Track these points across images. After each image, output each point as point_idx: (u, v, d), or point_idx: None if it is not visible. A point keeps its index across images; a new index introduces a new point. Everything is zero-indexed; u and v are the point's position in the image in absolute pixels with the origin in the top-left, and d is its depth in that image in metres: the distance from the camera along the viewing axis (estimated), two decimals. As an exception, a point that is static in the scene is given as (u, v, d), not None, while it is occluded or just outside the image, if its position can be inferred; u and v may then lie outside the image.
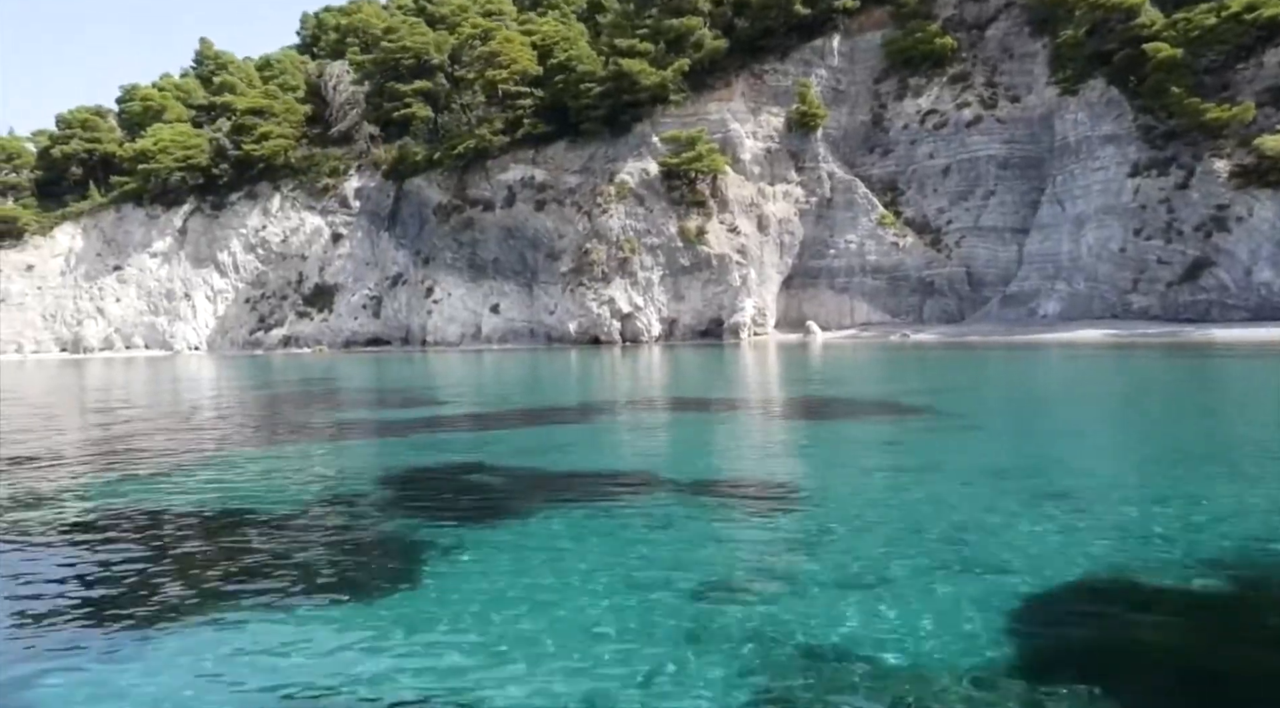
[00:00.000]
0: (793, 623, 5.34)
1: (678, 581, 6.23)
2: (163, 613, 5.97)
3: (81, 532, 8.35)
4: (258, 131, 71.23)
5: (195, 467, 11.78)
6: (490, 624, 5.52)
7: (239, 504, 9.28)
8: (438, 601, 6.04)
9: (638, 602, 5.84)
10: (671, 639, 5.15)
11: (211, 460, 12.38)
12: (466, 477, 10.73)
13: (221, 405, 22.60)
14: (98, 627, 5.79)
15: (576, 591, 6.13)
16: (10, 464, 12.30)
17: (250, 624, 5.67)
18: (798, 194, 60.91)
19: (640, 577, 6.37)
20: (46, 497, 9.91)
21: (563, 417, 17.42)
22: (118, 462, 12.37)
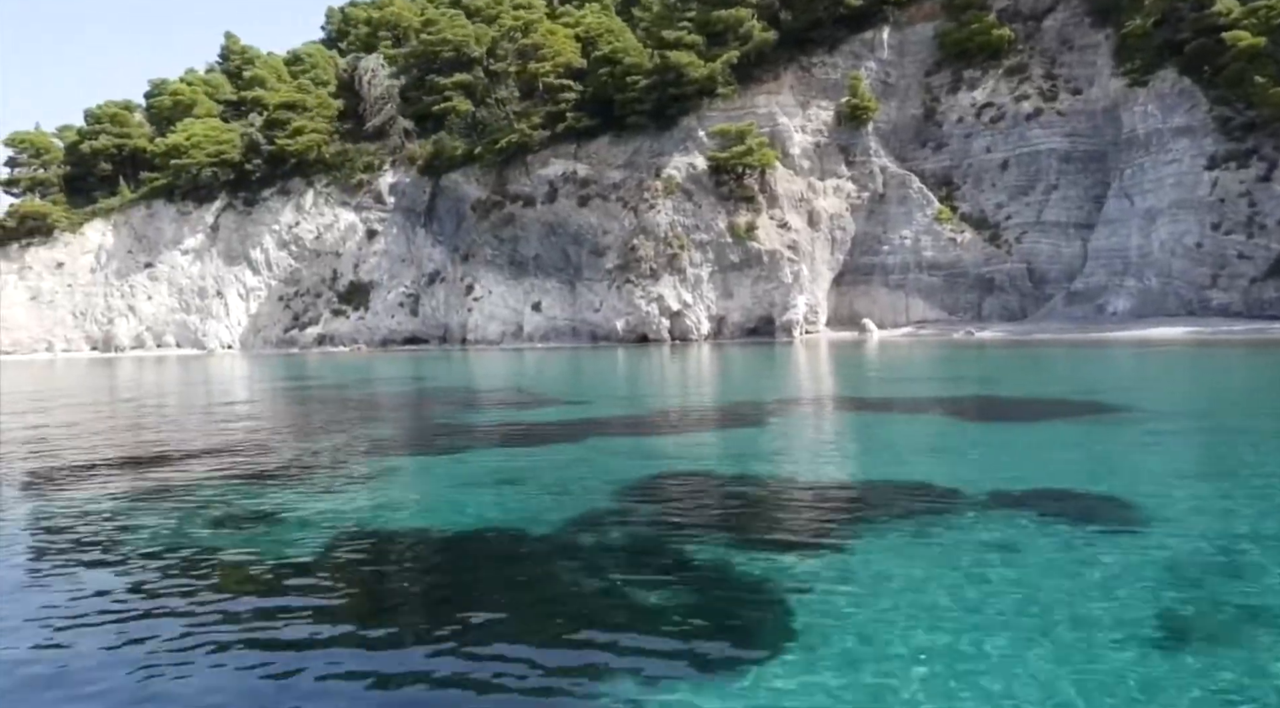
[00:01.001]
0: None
1: (1095, 617, 5.07)
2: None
3: (361, 559, 7.11)
4: (291, 126, 69.99)
5: (397, 476, 10.53)
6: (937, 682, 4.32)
7: (505, 522, 8.02)
8: (846, 650, 4.81)
9: (1082, 644, 4.69)
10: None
11: (400, 469, 11.12)
12: (725, 488, 9.47)
13: (349, 409, 21.32)
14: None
15: (995, 627, 4.96)
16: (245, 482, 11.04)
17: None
18: (849, 189, 59.59)
19: (1060, 613, 5.21)
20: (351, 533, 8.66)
21: (736, 417, 16.14)
22: (303, 473, 11.11)
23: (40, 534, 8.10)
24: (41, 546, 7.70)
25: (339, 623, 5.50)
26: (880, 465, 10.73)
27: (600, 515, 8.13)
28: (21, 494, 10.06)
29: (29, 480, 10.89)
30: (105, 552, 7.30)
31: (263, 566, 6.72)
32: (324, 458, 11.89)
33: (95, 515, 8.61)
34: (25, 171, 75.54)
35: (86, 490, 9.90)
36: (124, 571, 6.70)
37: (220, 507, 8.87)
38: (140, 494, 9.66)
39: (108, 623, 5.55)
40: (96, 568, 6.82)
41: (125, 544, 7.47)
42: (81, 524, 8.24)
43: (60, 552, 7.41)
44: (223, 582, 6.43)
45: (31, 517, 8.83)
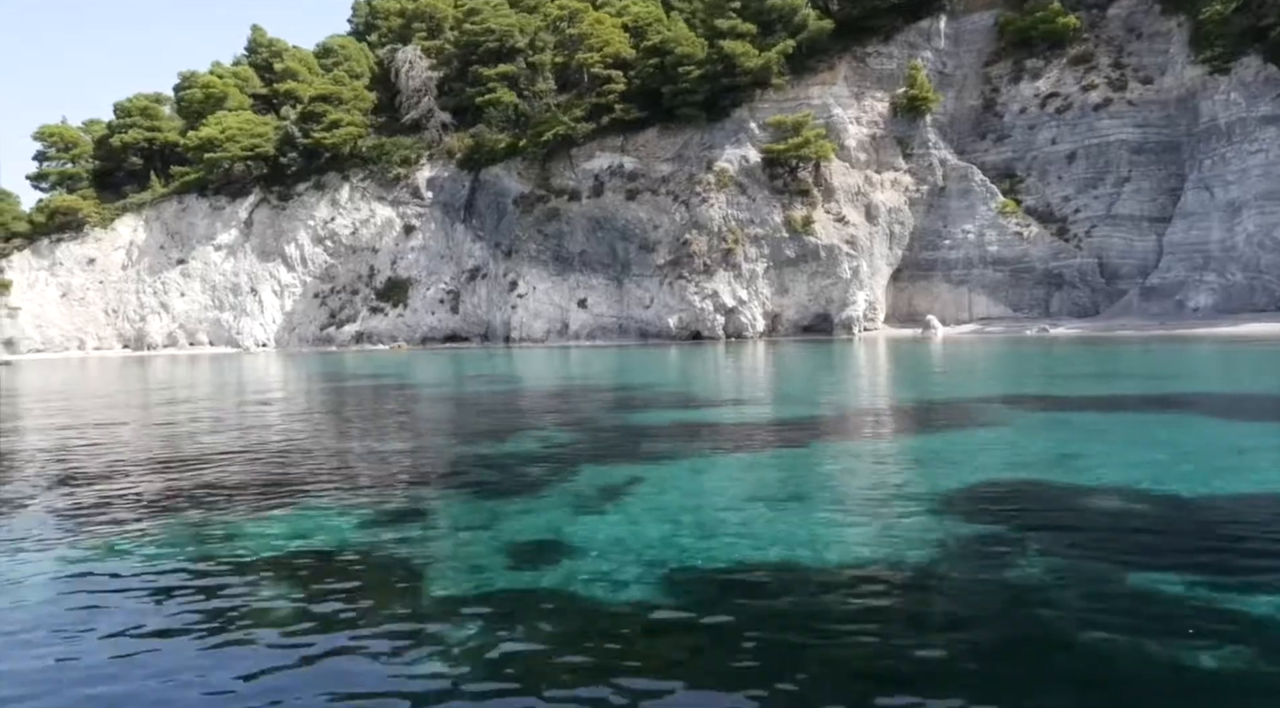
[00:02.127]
0: None
1: None
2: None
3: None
4: (327, 119, 68.44)
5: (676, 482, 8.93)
6: None
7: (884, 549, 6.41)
8: None
9: None
10: None
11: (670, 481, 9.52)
12: (1092, 501, 7.84)
13: (495, 414, 19.66)
14: None
15: None
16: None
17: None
18: (906, 182, 58.01)
19: None
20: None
21: (961, 417, 14.54)
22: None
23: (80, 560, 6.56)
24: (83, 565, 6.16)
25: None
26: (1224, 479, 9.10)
27: (994, 540, 6.51)
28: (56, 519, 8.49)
29: (58, 498, 9.41)
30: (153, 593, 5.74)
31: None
32: (583, 477, 10.30)
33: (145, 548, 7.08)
34: (54, 166, 74.04)
35: (128, 530, 8.34)
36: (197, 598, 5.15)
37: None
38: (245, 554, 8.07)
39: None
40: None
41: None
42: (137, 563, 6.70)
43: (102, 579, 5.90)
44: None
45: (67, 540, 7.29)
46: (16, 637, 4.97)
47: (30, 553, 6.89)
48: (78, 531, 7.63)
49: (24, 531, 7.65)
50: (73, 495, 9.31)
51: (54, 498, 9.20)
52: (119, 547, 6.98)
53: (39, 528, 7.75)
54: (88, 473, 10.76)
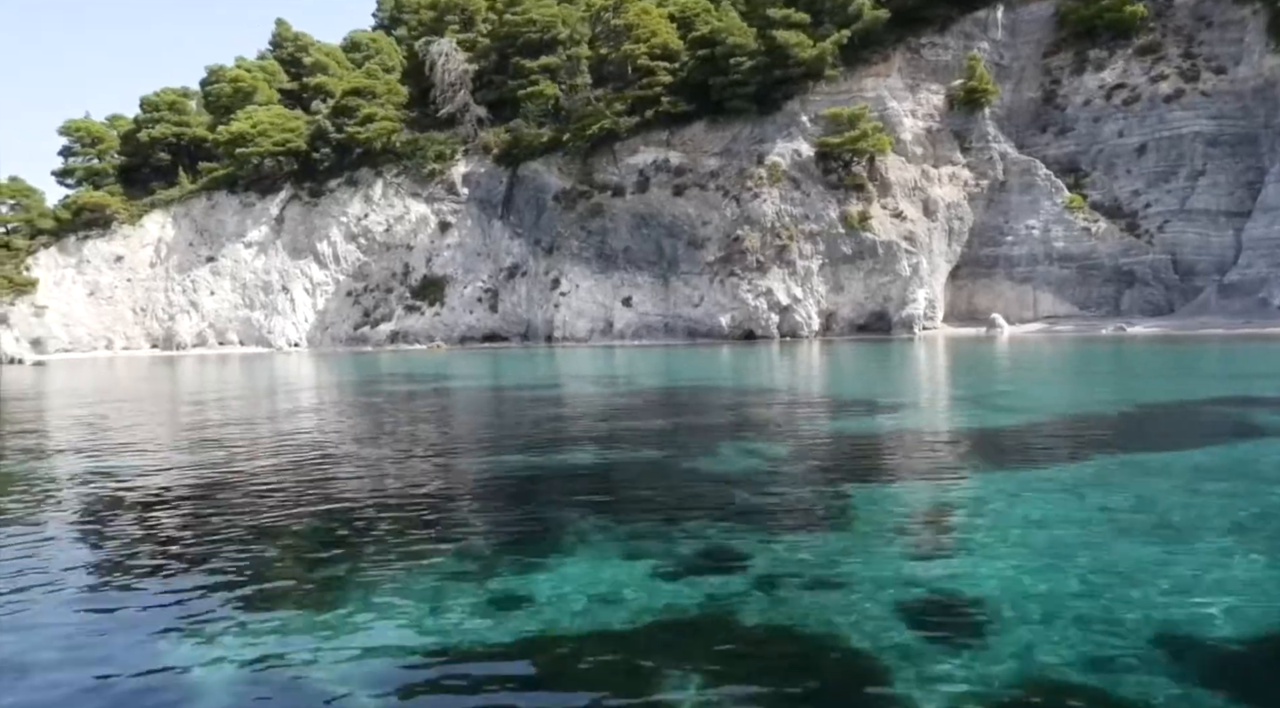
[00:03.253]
0: None
1: None
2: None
3: None
4: (361, 113, 66.64)
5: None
6: None
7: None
8: None
9: None
10: None
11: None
12: None
13: (647, 415, 17.91)
14: None
15: None
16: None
17: None
18: (965, 177, 56.25)
19: None
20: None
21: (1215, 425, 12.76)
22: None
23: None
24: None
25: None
26: None
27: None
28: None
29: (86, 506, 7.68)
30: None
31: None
32: (815, 503, 8.51)
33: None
34: (80, 161, 72.28)
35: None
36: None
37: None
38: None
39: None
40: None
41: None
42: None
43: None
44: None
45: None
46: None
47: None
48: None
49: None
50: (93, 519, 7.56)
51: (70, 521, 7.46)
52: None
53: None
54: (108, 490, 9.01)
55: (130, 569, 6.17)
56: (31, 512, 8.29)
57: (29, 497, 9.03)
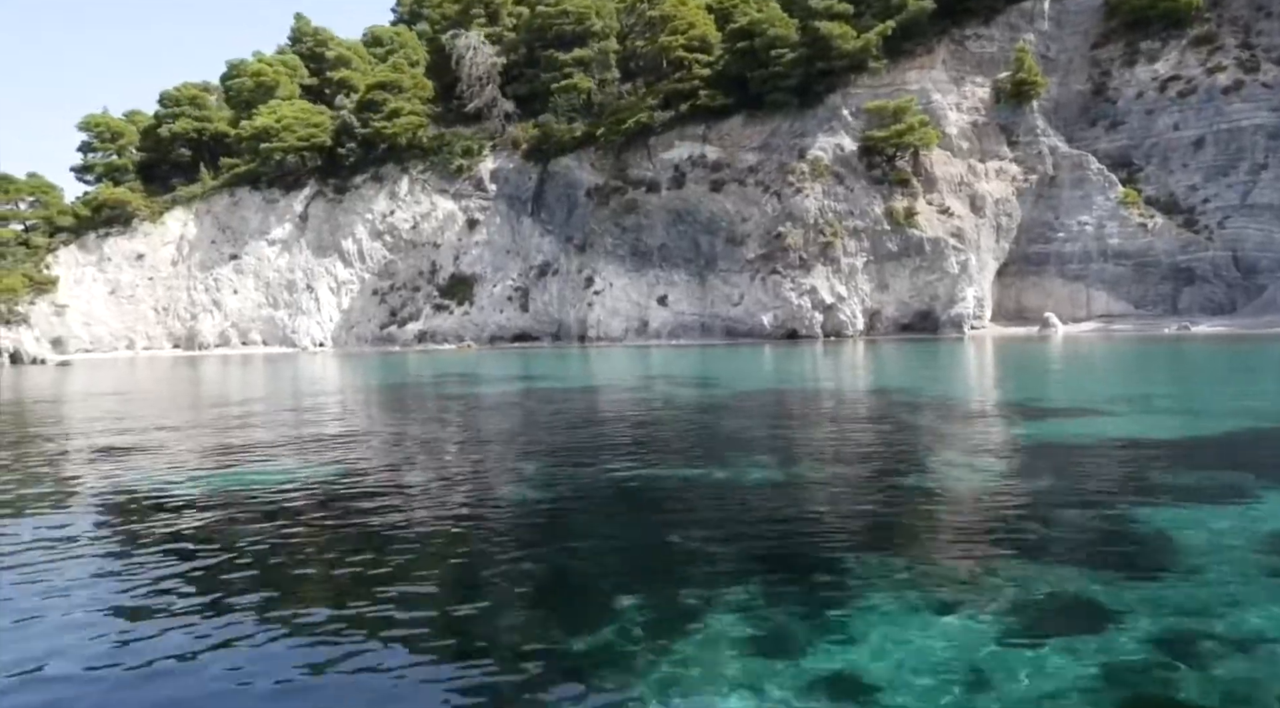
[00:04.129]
0: None
1: None
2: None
3: None
4: (387, 108, 65.21)
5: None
6: None
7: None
8: None
9: None
10: None
11: None
12: None
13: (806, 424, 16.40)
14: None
15: None
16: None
17: None
18: (1013, 171, 54.67)
19: None
20: None
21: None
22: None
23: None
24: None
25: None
26: None
27: None
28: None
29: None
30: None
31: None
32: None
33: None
34: (99, 157, 70.86)
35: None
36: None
37: None
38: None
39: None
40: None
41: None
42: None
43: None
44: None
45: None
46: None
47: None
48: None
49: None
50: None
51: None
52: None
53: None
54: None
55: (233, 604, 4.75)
56: (103, 538, 6.83)
57: (89, 518, 7.56)
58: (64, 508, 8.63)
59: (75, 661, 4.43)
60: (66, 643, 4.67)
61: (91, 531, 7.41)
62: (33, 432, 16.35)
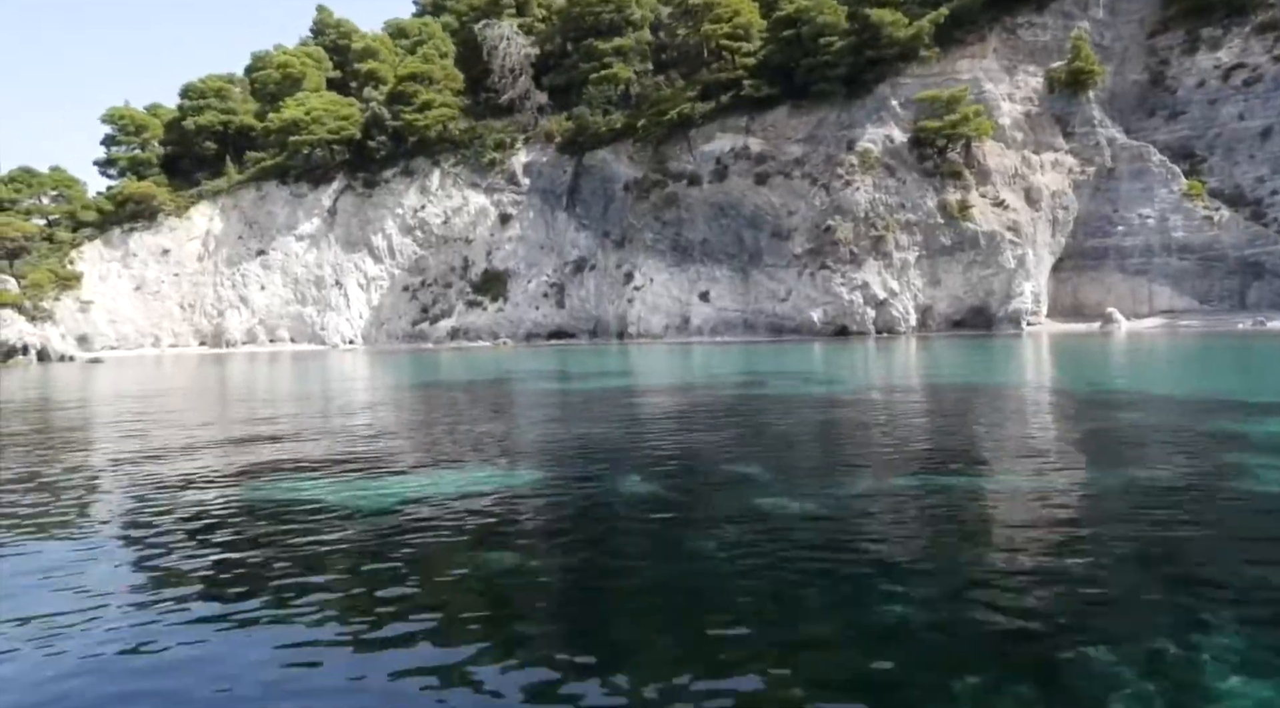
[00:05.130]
0: None
1: None
2: None
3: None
4: (418, 100, 63.68)
5: None
6: None
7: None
8: None
9: None
10: None
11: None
12: None
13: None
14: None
15: None
16: None
17: None
18: (1069, 163, 53.09)
19: None
20: None
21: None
22: None
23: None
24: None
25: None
26: None
27: None
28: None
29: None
30: None
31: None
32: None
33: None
34: (123, 151, 69.38)
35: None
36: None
37: None
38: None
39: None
40: None
41: None
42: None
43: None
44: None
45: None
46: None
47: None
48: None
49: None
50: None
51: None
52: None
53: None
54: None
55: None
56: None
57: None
58: (129, 520, 7.15)
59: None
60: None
61: (163, 543, 6.07)
62: (93, 436, 14.83)
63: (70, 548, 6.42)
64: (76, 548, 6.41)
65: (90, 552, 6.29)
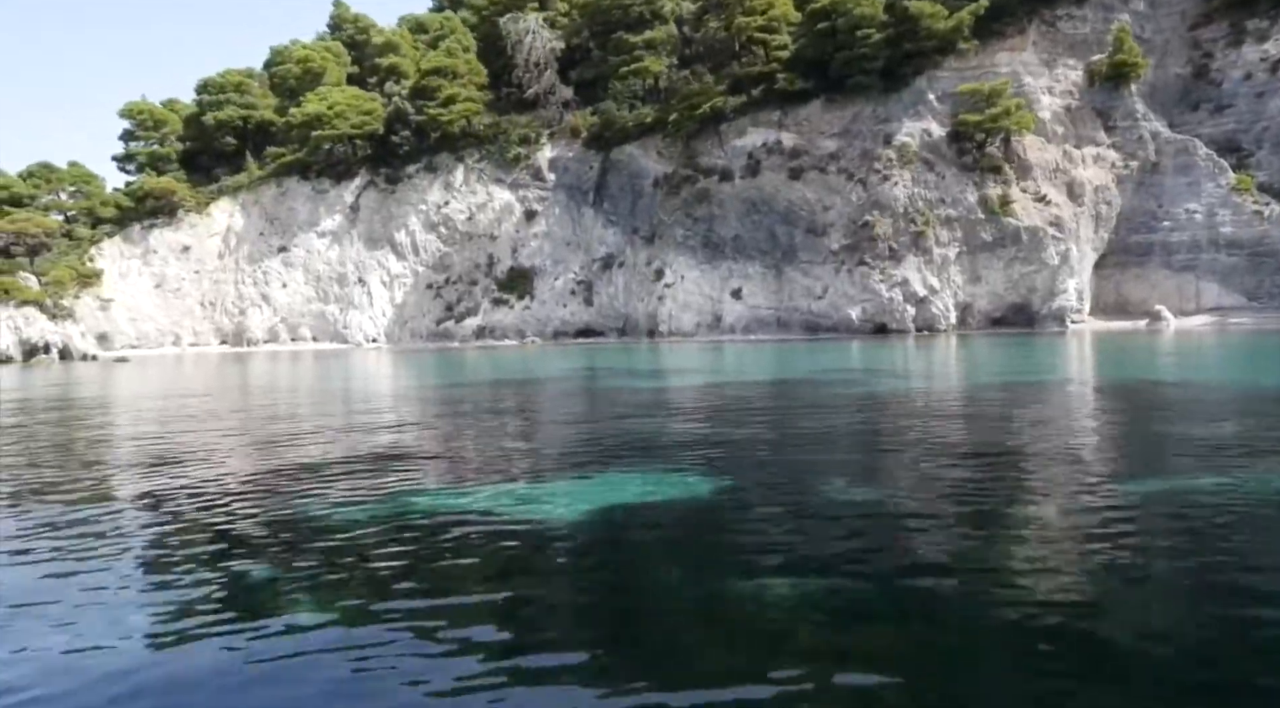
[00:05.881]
0: None
1: None
2: None
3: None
4: (442, 94, 62.63)
5: None
6: None
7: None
8: None
9: None
10: None
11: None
12: None
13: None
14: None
15: None
16: None
17: None
18: (1112, 157, 52.08)
19: None
20: None
21: None
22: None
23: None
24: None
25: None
26: None
27: None
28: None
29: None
30: None
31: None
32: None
33: None
34: (141, 146, 68.32)
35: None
36: None
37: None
38: None
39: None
40: None
41: None
42: None
43: None
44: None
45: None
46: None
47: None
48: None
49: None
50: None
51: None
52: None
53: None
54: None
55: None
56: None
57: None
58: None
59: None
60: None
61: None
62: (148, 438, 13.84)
63: (169, 560, 5.92)
64: (174, 560, 5.93)
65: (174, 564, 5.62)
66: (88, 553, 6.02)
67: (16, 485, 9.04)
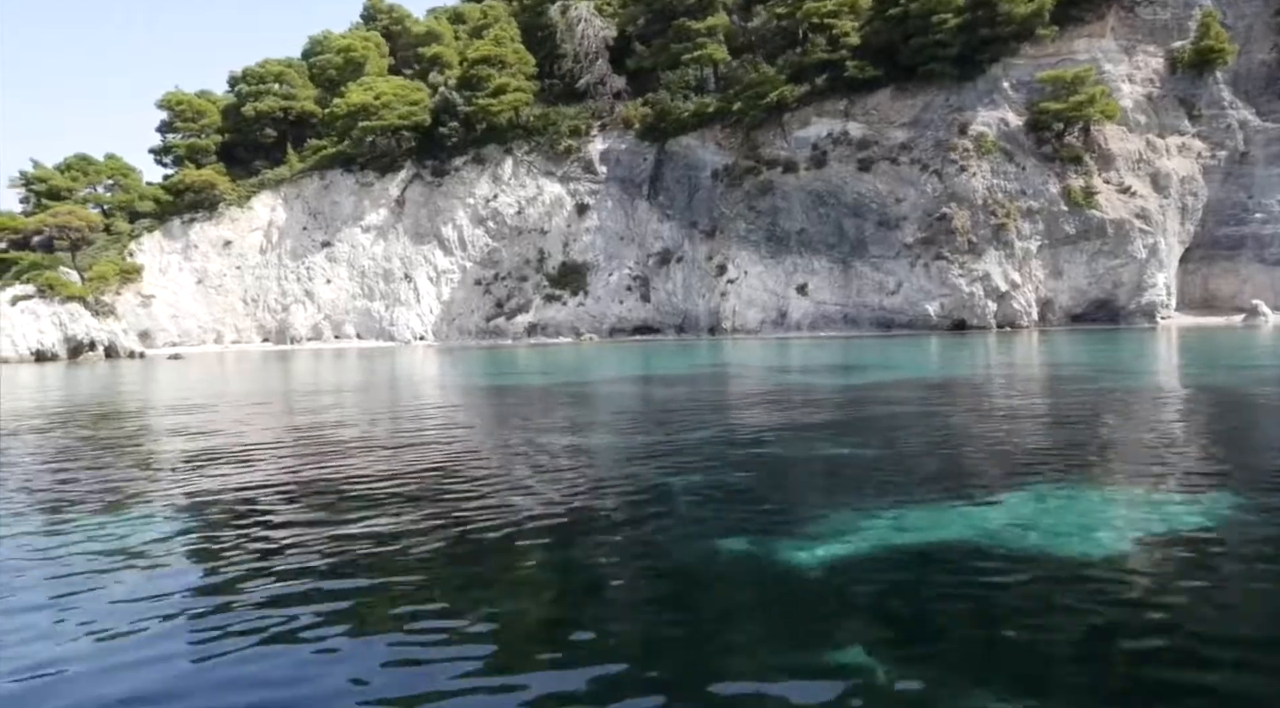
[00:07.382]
0: None
1: None
2: None
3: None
4: (491, 84, 60.74)
5: None
6: None
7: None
8: None
9: None
10: None
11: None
12: None
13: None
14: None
15: None
16: None
17: None
18: (1198, 147, 50.25)
19: None
20: None
21: None
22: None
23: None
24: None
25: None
26: None
27: None
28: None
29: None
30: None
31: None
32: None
33: None
34: (180, 138, 66.39)
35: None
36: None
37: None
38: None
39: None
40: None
41: None
42: None
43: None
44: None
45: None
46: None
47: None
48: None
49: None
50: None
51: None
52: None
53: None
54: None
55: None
56: None
57: None
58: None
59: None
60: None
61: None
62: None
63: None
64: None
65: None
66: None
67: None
